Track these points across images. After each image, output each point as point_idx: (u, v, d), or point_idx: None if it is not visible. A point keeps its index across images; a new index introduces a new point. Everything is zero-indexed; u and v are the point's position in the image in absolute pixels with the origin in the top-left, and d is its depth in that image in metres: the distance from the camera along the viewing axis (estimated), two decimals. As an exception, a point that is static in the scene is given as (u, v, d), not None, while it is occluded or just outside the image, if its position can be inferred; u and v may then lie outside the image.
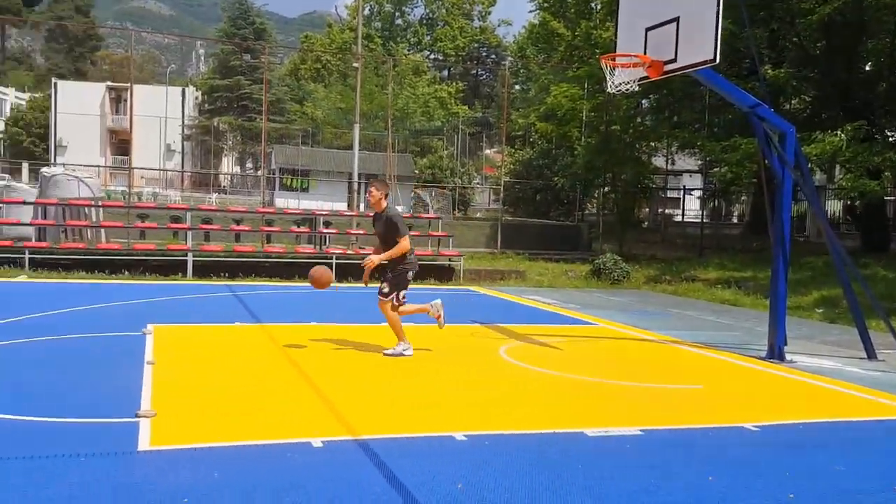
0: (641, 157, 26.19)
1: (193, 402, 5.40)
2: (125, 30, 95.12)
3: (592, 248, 23.90)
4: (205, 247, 15.50)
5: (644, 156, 27.03)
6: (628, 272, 16.64)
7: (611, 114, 23.75)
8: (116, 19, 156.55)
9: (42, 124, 57.17)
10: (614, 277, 16.28)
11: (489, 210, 41.57)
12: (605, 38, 26.73)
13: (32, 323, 8.23)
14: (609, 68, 8.38)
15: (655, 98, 23.93)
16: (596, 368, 7.33)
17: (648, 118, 25.98)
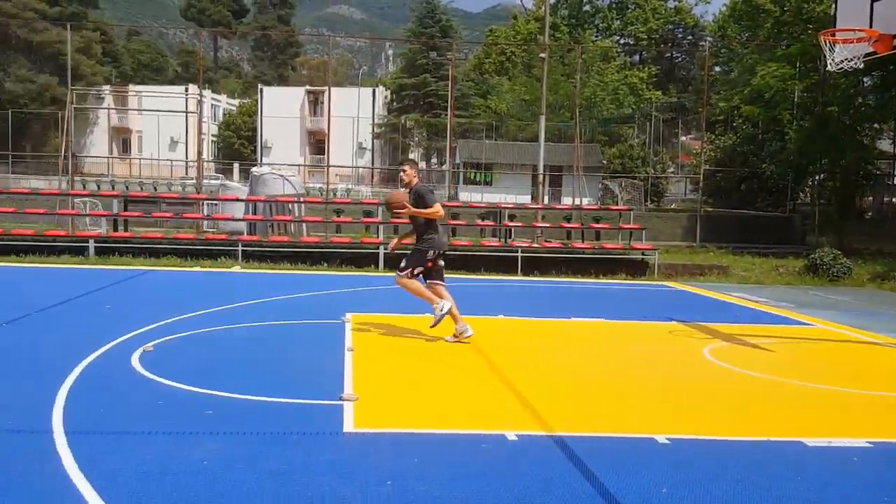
0: (864, 140, 23.79)
1: (391, 388, 5.66)
2: (321, 36, 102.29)
3: (806, 242, 22.04)
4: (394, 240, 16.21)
5: (867, 139, 24.53)
6: (850, 268, 15.08)
7: (827, 94, 21.73)
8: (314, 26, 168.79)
9: (250, 127, 63.07)
10: (833, 274, 14.83)
11: (685, 201, 39.69)
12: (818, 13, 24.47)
13: (246, 309, 9.08)
14: (829, 45, 7.74)
15: (880, 75, 21.56)
16: (813, 373, 6.70)
17: (871, 97, 23.56)
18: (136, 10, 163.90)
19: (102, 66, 62.51)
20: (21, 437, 4.19)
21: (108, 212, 16.09)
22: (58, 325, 7.68)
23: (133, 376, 5.62)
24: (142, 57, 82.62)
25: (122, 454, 3.97)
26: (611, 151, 40.58)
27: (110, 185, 32.14)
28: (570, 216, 19.70)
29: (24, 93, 53.06)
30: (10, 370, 5.74)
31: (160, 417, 4.64)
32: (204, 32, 53.62)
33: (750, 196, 31.08)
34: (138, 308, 8.91)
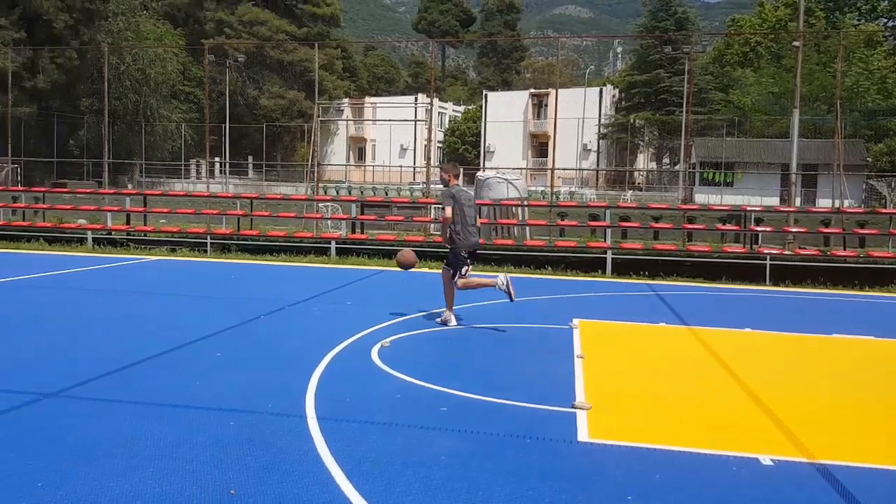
0: None
1: (626, 399, 5.49)
2: (547, 38, 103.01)
3: None
4: (624, 244, 15.81)
5: None
6: None
7: None
8: (539, 29, 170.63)
9: (474, 133, 65.29)
10: None
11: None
12: None
13: (474, 311, 9.34)
14: None
15: None
16: None
17: None
18: (373, 26, 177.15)
19: (342, 81, 68.41)
20: (280, 419, 4.66)
21: (347, 215, 17.49)
22: (307, 319, 8.47)
23: (373, 369, 6.02)
24: (376, 70, 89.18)
25: (368, 443, 4.25)
26: (877, 148, 36.24)
27: (347, 191, 35.07)
28: (829, 220, 17.87)
29: (275, 108, 59.60)
30: (270, 357, 6.41)
31: (399, 410, 4.91)
32: (433, 43, 56.38)
33: None
34: (375, 305, 9.55)
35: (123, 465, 3.83)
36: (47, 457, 3.92)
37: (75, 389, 5.21)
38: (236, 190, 36.32)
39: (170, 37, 52.71)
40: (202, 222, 18.21)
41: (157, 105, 46.17)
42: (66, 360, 6.09)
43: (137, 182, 42.54)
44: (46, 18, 38.14)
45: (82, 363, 5.96)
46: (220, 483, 3.63)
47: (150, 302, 9.56)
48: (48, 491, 3.50)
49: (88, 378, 5.49)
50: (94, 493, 3.49)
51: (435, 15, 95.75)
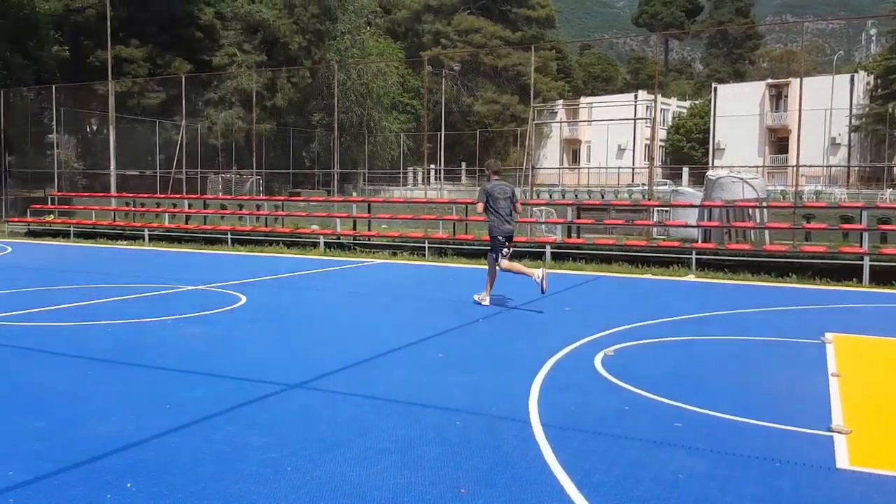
0: None
1: (892, 424, 4.91)
2: (786, 23, 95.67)
3: None
4: (884, 250, 14.17)
5: None
6: None
7: None
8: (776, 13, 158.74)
9: (701, 129, 62.11)
10: None
11: None
12: None
13: (704, 320, 8.85)
14: None
15: None
16: None
17: None
18: (589, 24, 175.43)
19: (556, 82, 68.50)
20: (505, 423, 4.71)
21: (563, 219, 17.40)
22: (526, 323, 8.54)
23: (597, 378, 5.89)
24: (592, 69, 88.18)
25: (597, 454, 4.16)
26: None
27: (561, 194, 34.94)
28: None
29: (489, 113, 61.11)
30: (491, 360, 6.54)
31: (628, 423, 4.75)
32: (656, 36, 54.58)
33: None
34: (594, 312, 9.42)
35: (361, 456, 4.09)
36: (295, 442, 4.29)
37: (316, 382, 5.67)
38: (451, 195, 37.68)
39: (391, 51, 56.05)
40: (420, 227, 19.10)
41: (378, 117, 49.23)
42: (306, 355, 6.67)
43: (361, 190, 45.66)
44: (284, 41, 42.22)
45: (320, 358, 6.50)
46: (449, 481, 3.74)
47: (375, 302, 10.19)
48: (298, 474, 3.82)
49: (326, 372, 5.96)
50: (336, 479, 3.76)
51: (657, 7, 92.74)
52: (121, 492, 3.56)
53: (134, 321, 8.18)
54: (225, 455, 4.07)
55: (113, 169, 28.14)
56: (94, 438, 4.31)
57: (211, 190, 34.38)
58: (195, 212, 21.83)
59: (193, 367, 6.14)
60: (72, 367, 6.13)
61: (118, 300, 9.86)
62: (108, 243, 19.92)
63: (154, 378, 5.80)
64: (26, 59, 30.96)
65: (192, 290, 10.93)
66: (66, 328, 7.85)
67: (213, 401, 5.11)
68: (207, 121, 39.70)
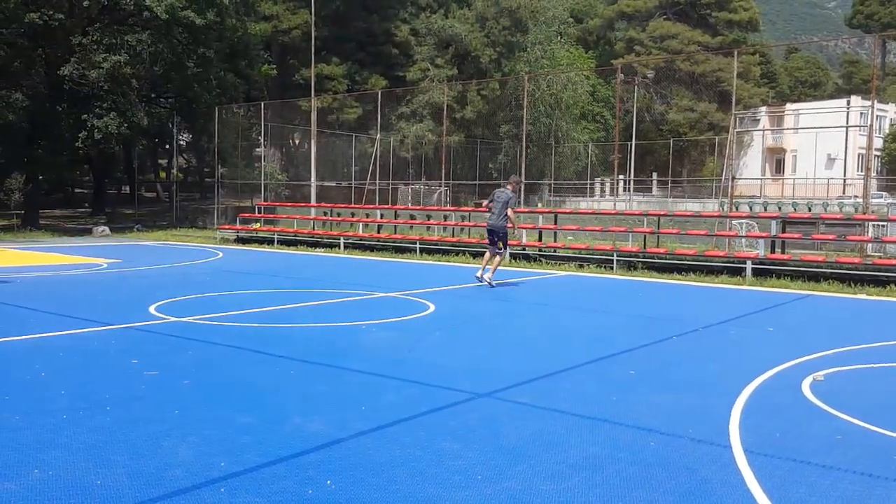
0: None
1: None
2: None
3: None
4: None
5: None
6: None
7: None
8: None
9: (926, 137, 55.84)
10: None
11: None
12: None
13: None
14: None
15: None
16: None
17: None
18: (797, 27, 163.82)
19: (759, 88, 64.49)
20: (703, 446, 4.50)
21: (766, 233, 16.34)
22: (723, 343, 8.10)
23: (805, 404, 5.48)
24: (799, 74, 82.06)
25: (806, 485, 3.88)
26: None
27: (762, 207, 32.79)
28: None
29: (684, 122, 58.65)
30: (686, 380, 6.27)
31: (841, 454, 4.38)
32: (874, 38, 49.78)
33: None
34: (801, 333, 8.77)
35: (552, 470, 4.07)
36: (484, 451, 4.35)
37: (505, 392, 5.72)
38: (640, 207, 36.62)
39: (581, 60, 55.52)
40: (608, 239, 18.75)
41: (566, 127, 48.92)
42: (493, 365, 6.75)
43: (547, 201, 45.62)
44: (475, 55, 43.27)
45: (506, 368, 6.55)
46: (645, 503, 3.64)
47: (561, 314, 10.16)
48: (488, 484, 3.86)
49: (514, 383, 5.99)
50: (525, 492, 3.76)
51: (874, 6, 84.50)
52: (321, 488, 3.74)
53: (332, 325, 8.72)
54: (417, 458, 4.19)
55: (313, 180, 30.22)
56: (298, 435, 4.58)
57: (401, 200, 35.90)
58: (386, 221, 22.89)
59: (385, 370, 6.38)
60: (277, 366, 6.55)
61: (317, 304, 10.60)
62: (307, 250, 21.34)
63: (350, 379, 6.11)
64: (238, 78, 33.71)
65: (383, 296, 11.47)
66: (270, 329, 8.47)
67: (405, 405, 5.29)
68: (400, 134, 41.53)
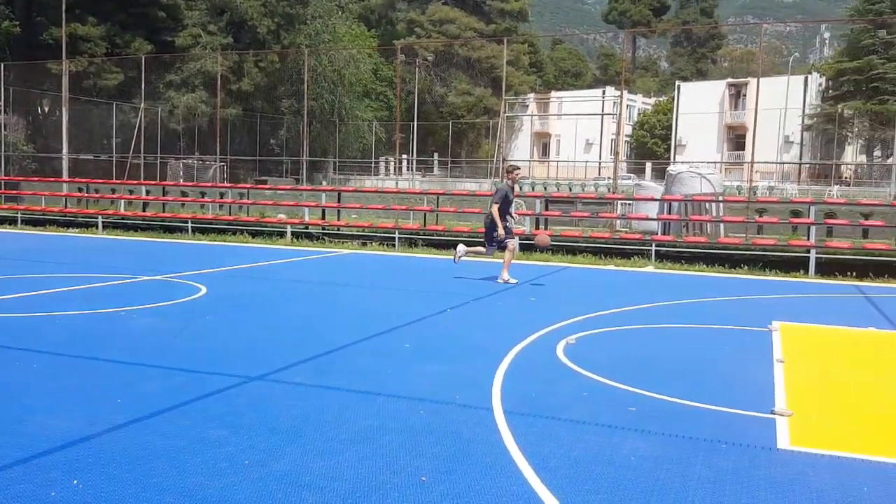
0: None
1: (831, 407, 5.15)
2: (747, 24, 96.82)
3: None
4: (829, 243, 14.57)
5: None
6: None
7: None
8: (738, 14, 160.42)
9: (664, 126, 62.79)
10: None
11: None
12: None
13: (662, 310, 9.03)
14: None
15: None
16: None
17: None
18: (561, 19, 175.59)
19: (528, 76, 68.49)
20: (468, 411, 4.78)
21: (532, 211, 17.54)
22: (492, 313, 8.63)
23: (558, 366, 6.01)
24: (563, 64, 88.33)
25: (555, 439, 4.26)
26: None
27: (531, 187, 35.09)
28: None
29: (462, 105, 60.85)
30: (457, 350, 6.60)
31: (586, 409, 4.87)
32: (624, 33, 54.85)
33: None
34: (560, 302, 9.54)
35: (324, 447, 4.08)
36: (254, 435, 4.22)
37: (279, 373, 5.61)
38: (422, 186, 37.60)
39: (363, 38, 55.33)
40: (391, 217, 19.07)
41: (350, 105, 48.60)
42: (270, 346, 6.61)
43: (331, 179, 45.30)
44: (251, 24, 40.84)
45: (282, 349, 6.43)
46: (412, 469, 3.78)
47: (342, 293, 10.19)
48: (256, 467, 3.76)
49: (289, 363, 5.89)
50: (297, 471, 3.72)
51: (626, 5, 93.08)
52: (67, 488, 3.42)
53: (86, 312, 7.89)
54: (179, 449, 3.95)
55: (65, 153, 27.38)
56: (40, 434, 4.11)
57: (171, 176, 33.68)
58: (154, 199, 21.30)
59: (147, 359, 5.87)
60: (17, 360, 5.83)
61: (70, 290, 9.55)
62: (58, 231, 19.23)
63: (106, 371, 5.59)
64: (-29, 35, 28.94)
65: (148, 280, 10.67)
66: (11, 319, 7.58)
67: (168, 394, 4.94)
68: (168, 104, 38.52)
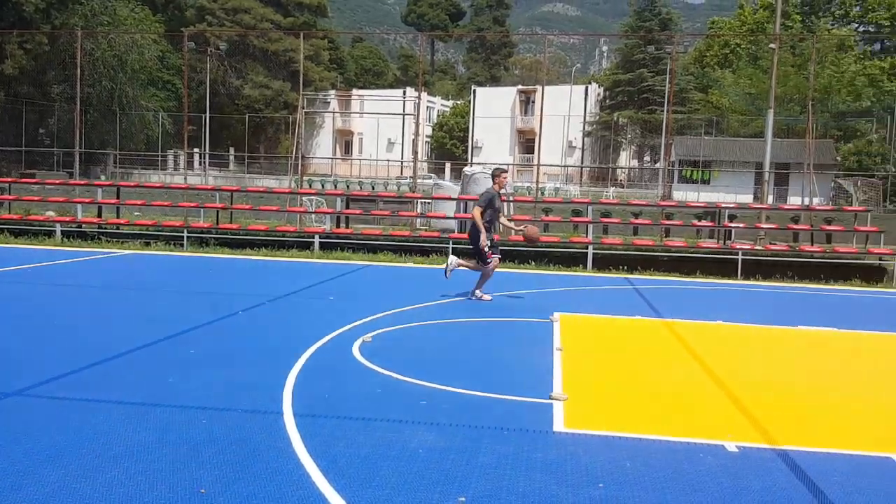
0: None
1: (602, 390, 5.57)
2: (535, 35, 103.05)
3: None
4: (605, 239, 15.88)
5: None
6: None
7: None
8: (528, 25, 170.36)
9: (462, 128, 65.03)
10: None
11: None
12: None
13: (456, 305, 9.33)
14: None
15: None
16: None
17: None
18: (361, 18, 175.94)
19: (329, 72, 67.74)
20: (256, 416, 4.59)
21: (332, 209, 17.38)
22: (287, 314, 8.40)
23: (353, 364, 5.99)
24: (364, 62, 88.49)
25: (345, 439, 4.23)
26: (846, 148, 36.93)
27: (333, 185, 34.86)
28: (799, 217, 18.14)
29: (259, 98, 58.63)
30: (247, 354, 6.32)
31: (378, 405, 4.89)
32: (422, 36, 56.04)
33: None
34: (358, 300, 9.53)
35: (90, 466, 3.72)
36: (10, 456, 3.79)
37: (43, 387, 5.06)
38: (216, 182, 35.82)
39: (148, 22, 51.40)
40: (179, 215, 17.86)
41: (133, 93, 45.03)
42: (33, 358, 5.93)
43: (111, 173, 41.82)
44: (15, 1, 36.66)
45: (48, 362, 5.77)
46: (190, 483, 3.56)
47: (120, 297, 9.31)
48: (6, 493, 3.36)
49: (56, 375, 5.33)
50: (58, 494, 3.37)
51: (425, 8, 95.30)
52: None
53: None
54: None
55: None
56: None
57: None
58: None
59: None
60: None
61: None
62: None
63: None
64: None
65: None
66: None
67: None
68: None
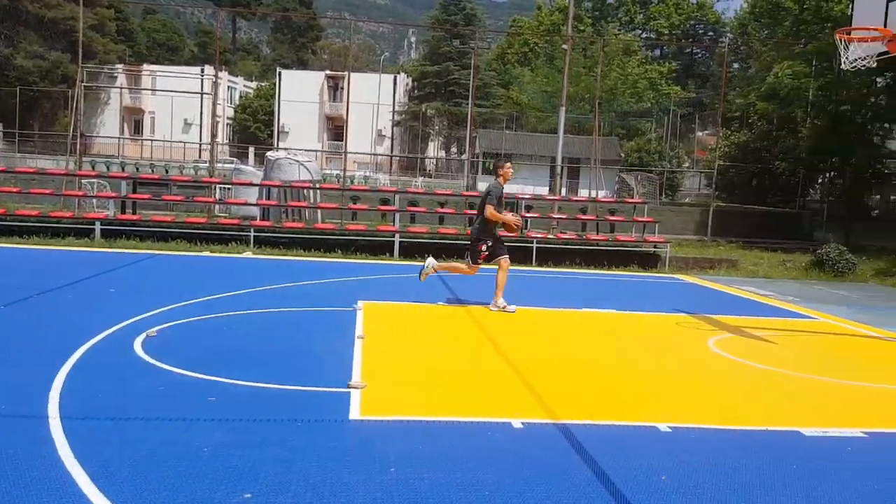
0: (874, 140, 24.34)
1: (400, 376, 5.60)
2: (343, 19, 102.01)
3: (814, 238, 22.56)
4: (411, 228, 16.11)
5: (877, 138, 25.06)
6: (854, 264, 15.37)
7: (840, 93, 22.14)
8: (335, 9, 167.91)
9: (267, 111, 62.81)
10: (838, 269, 15.04)
11: (699, 196, 39.74)
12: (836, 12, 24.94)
13: (256, 295, 9.00)
14: (844, 43, 7.96)
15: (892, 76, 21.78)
16: (813, 365, 6.72)
17: (884, 97, 23.83)
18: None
19: (116, 45, 62.16)
20: (14, 421, 4.10)
21: (116, 194, 16.04)
22: (59, 309, 7.55)
23: (135, 362, 5.53)
24: (157, 36, 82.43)
25: (120, 441, 3.88)
26: (628, 145, 40.56)
27: (120, 167, 32.18)
28: (586, 208, 19.63)
29: (34, 69, 52.24)
30: (8, 354, 5.62)
31: (161, 404, 4.55)
32: (222, 12, 53.17)
33: (761, 192, 31.83)
34: (144, 292, 8.82)
35: None
36: None
37: None
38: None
39: None
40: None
41: None
42: None
43: None
44: None
45: None
46: (-69, 498, 3.11)
47: None
48: None
49: None
50: None
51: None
52: None
53: None
54: None
55: None
56: None
57: None
58: None
59: None
60: None
61: None
62: None
63: None
64: None
65: None
66: None
67: None
68: None
